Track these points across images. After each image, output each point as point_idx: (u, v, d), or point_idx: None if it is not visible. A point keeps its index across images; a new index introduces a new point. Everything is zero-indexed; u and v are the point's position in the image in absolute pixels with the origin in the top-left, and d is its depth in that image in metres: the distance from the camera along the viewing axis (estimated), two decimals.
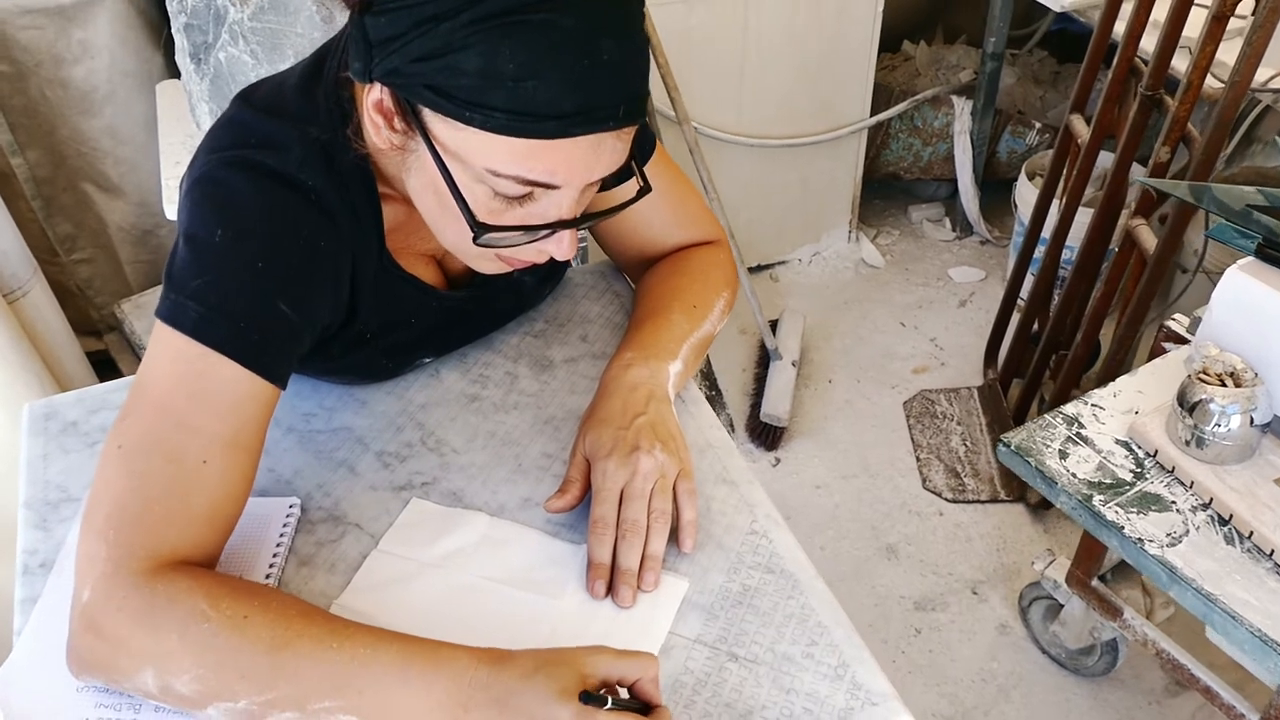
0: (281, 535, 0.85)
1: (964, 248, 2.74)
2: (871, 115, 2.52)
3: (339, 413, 0.96)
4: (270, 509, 0.86)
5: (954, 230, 2.77)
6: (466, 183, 0.73)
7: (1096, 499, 1.18)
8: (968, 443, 2.23)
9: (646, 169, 0.97)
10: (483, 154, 0.71)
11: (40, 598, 0.81)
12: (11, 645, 0.79)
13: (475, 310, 0.99)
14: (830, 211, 2.66)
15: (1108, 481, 1.20)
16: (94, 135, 2.14)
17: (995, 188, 2.75)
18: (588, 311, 1.07)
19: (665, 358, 0.91)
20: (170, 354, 0.74)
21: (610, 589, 0.81)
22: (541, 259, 0.81)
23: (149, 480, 0.72)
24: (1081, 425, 1.28)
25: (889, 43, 2.65)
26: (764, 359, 2.35)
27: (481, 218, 0.74)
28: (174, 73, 2.11)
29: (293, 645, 0.69)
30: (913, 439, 2.24)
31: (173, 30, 1.84)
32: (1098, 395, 1.32)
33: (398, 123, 0.74)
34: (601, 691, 0.67)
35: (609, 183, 0.80)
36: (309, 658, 0.68)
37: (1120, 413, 1.28)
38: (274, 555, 0.83)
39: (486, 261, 0.82)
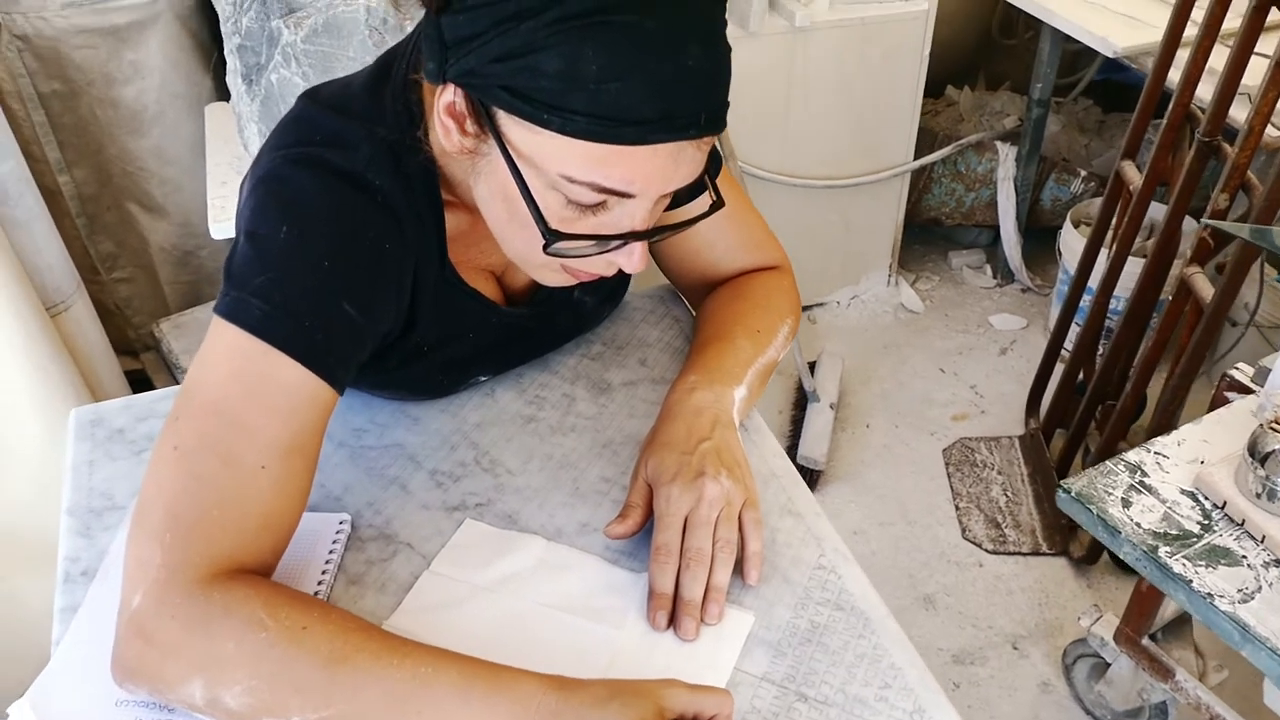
0: (331, 552, 0.82)
1: (1005, 295, 2.71)
2: (915, 159, 2.51)
3: (391, 429, 0.94)
4: (320, 525, 0.84)
5: (995, 277, 2.74)
6: (539, 189, 0.71)
7: (1162, 550, 1.14)
8: (1009, 493, 2.18)
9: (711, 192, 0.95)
10: (558, 159, 0.69)
11: (81, 606, 0.78)
12: (49, 655, 0.76)
13: (534, 328, 0.97)
14: (870, 254, 2.64)
15: (1174, 532, 1.16)
16: (140, 155, 2.15)
17: (1038, 235, 2.73)
18: (646, 336, 1.05)
19: (730, 382, 0.88)
20: (229, 351, 0.72)
21: (672, 620, 0.77)
22: (609, 271, 0.79)
23: (206, 484, 0.70)
24: (1144, 474, 1.24)
25: (932, 88, 2.64)
26: (801, 401, 2.32)
27: (553, 226, 0.72)
28: (222, 95, 2.12)
29: (351, 660, 0.66)
30: (952, 487, 2.20)
31: (225, 52, 1.85)
32: (1160, 444, 1.28)
33: (470, 125, 0.72)
34: None
35: (681, 196, 0.78)
36: (368, 674, 0.65)
37: (1185, 462, 1.24)
38: (323, 572, 0.80)
39: (551, 273, 0.80)
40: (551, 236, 0.72)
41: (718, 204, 0.78)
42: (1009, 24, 2.90)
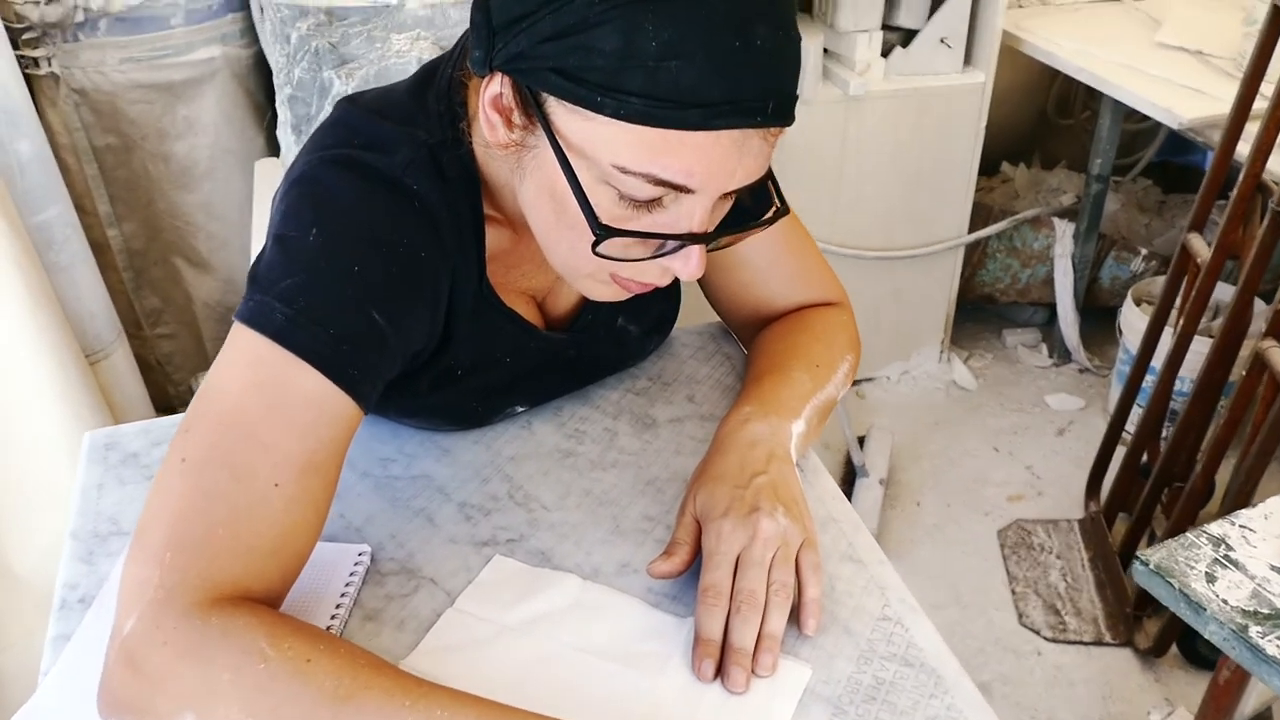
0: (348, 585, 0.75)
1: (1061, 375, 2.61)
2: (969, 233, 2.45)
3: (420, 460, 0.87)
4: (336, 555, 0.77)
5: (1051, 357, 2.65)
6: (590, 184, 0.66)
7: (1254, 630, 1.04)
8: (1068, 578, 2.07)
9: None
10: (612, 148, 0.63)
11: (73, 635, 0.72)
12: (36, 685, 0.69)
13: (575, 357, 0.91)
14: (922, 329, 2.57)
15: (1265, 611, 1.06)
16: (189, 210, 2.15)
17: (1096, 315, 2.64)
18: (695, 372, 0.98)
19: (787, 415, 0.81)
20: (248, 359, 0.67)
21: (720, 670, 0.69)
22: (663, 280, 0.73)
23: (214, 500, 0.64)
24: (1230, 547, 1.14)
25: (986, 166, 2.60)
26: (850, 475, 2.23)
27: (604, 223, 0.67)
28: (273, 152, 2.13)
29: (358, 698, 0.59)
30: (1008, 570, 2.08)
31: (277, 103, 1.85)
32: (1245, 516, 1.18)
33: (517, 117, 0.67)
34: None
35: (742, 205, 0.72)
36: (376, 715, 0.58)
37: (1273, 536, 1.14)
38: (337, 606, 0.73)
39: (599, 284, 0.74)
40: (602, 233, 0.66)
41: (782, 210, 0.72)
42: (1065, 104, 2.86)
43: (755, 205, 0.72)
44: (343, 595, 0.74)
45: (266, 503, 0.64)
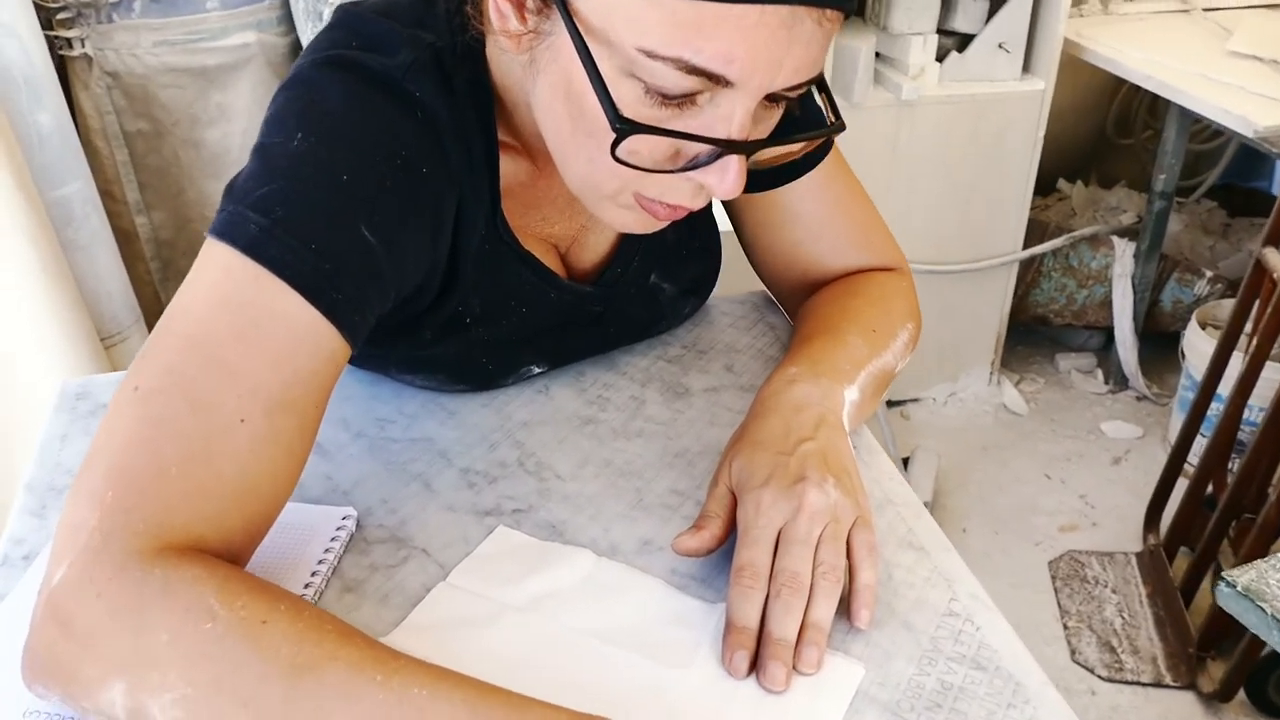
0: (326, 551, 0.65)
1: (1118, 402, 2.48)
2: (1024, 249, 2.33)
3: (421, 421, 0.77)
4: (315, 518, 0.67)
5: (1107, 383, 2.51)
6: (611, 75, 0.56)
7: None
8: (1125, 614, 1.93)
9: (820, 173, 0.80)
10: (638, 27, 0.53)
11: (7, 596, 0.63)
12: None
13: (601, 314, 0.81)
14: (971, 350, 2.44)
15: None
16: (219, 199, 2.09)
17: (1155, 340, 2.51)
18: (735, 341, 0.88)
19: (839, 379, 0.71)
20: (216, 276, 0.57)
21: (755, 664, 0.58)
22: (695, 201, 0.62)
23: (168, 432, 0.54)
24: None
25: (1041, 185, 2.48)
26: None
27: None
28: None
29: (321, 670, 0.48)
30: (1059, 604, 1.95)
31: None
32: None
33: (531, 1, 0.58)
34: None
35: (790, 117, 0.62)
36: (340, 690, 0.48)
37: None
38: (312, 574, 0.63)
39: (622, 209, 0.64)
40: (622, 126, 0.56)
41: (838, 126, 0.62)
42: (1125, 122, 2.74)
43: (806, 122, 0.62)
44: (320, 562, 0.64)
45: (229, 439, 0.55)
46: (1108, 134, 2.76)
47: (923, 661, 0.59)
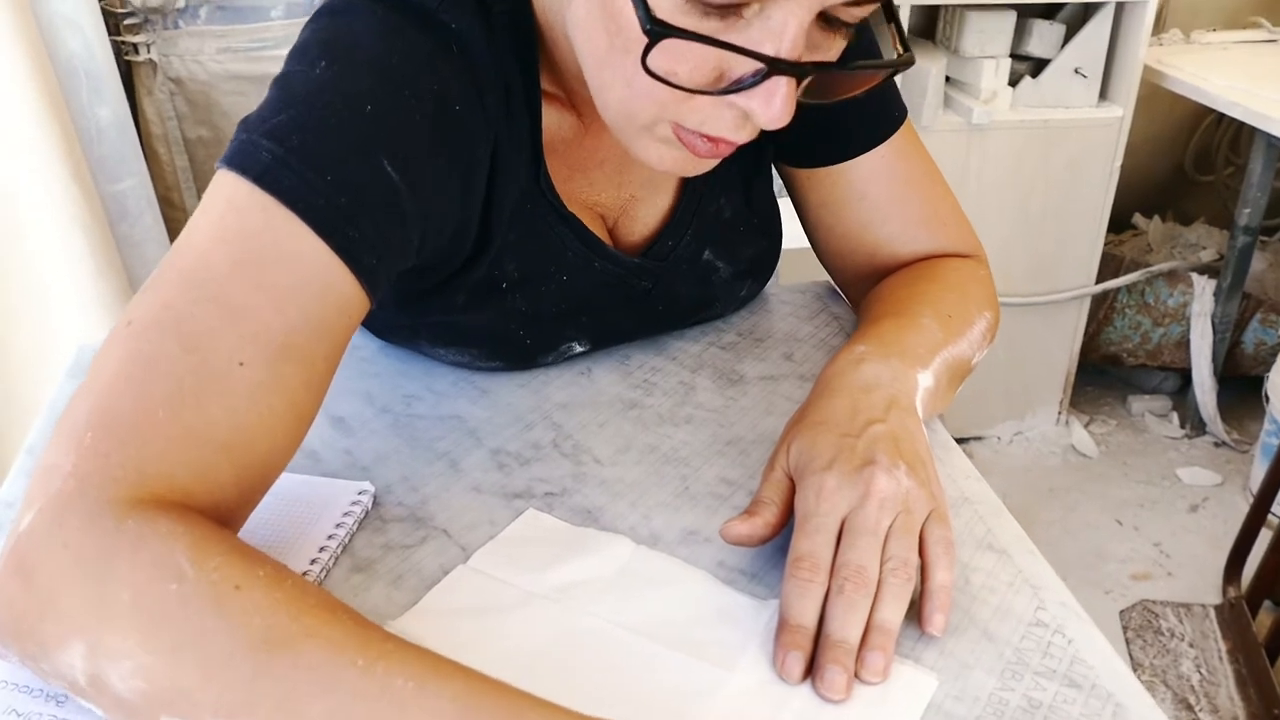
0: (338, 527, 0.59)
1: (1194, 448, 2.35)
2: (1096, 284, 2.23)
3: (451, 399, 0.71)
4: (328, 491, 0.61)
5: (1183, 427, 2.39)
6: None
7: None
8: (1203, 670, 1.80)
9: (890, 148, 0.73)
10: None
11: None
12: None
13: (649, 291, 0.74)
14: (1039, 387, 2.34)
15: None
16: None
17: (1236, 384, 2.38)
18: (795, 330, 0.81)
19: (912, 361, 0.63)
20: (222, 207, 0.52)
21: (811, 669, 0.51)
22: (739, 133, 0.55)
23: (157, 371, 0.48)
24: None
25: (1116, 221, 2.39)
26: None
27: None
28: None
29: (296, 648, 0.42)
30: (1131, 656, 1.83)
31: None
32: None
33: None
34: None
35: (852, 52, 0.56)
36: (314, 674, 0.41)
37: None
38: (320, 550, 0.57)
39: (659, 143, 0.58)
40: (655, 29, 0.49)
41: (907, 59, 0.55)
42: (1205, 157, 2.64)
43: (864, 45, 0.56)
44: (329, 538, 0.58)
45: (224, 383, 0.49)
46: (1187, 170, 2.66)
47: (1006, 675, 0.51)
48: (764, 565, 0.57)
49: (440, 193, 0.58)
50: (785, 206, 0.80)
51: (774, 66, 0.51)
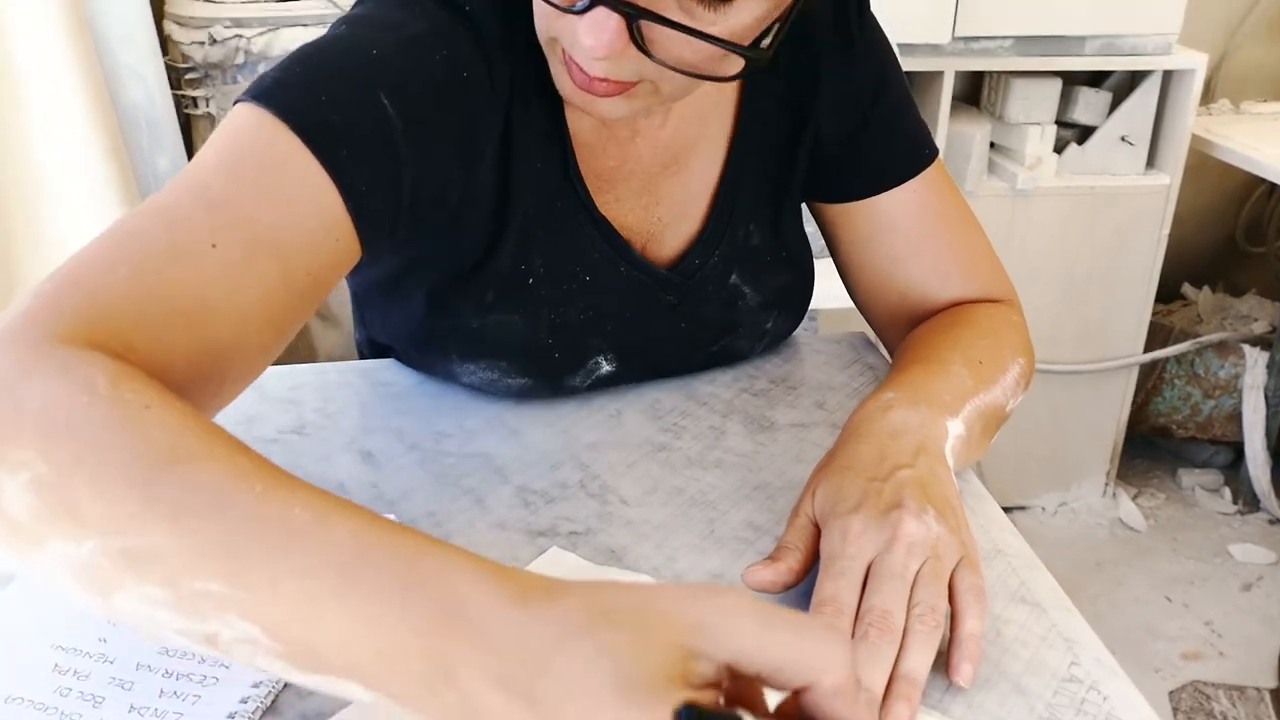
0: None
1: (1247, 524, 2.28)
2: (1144, 353, 2.19)
3: (481, 436, 0.72)
4: None
5: (1235, 503, 2.33)
6: None
7: None
8: None
9: (922, 184, 0.73)
10: None
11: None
12: None
13: (675, 306, 0.75)
14: (1085, 458, 2.29)
15: None
16: None
17: None
18: (829, 379, 0.80)
19: (941, 409, 0.63)
20: (224, 129, 0.55)
21: None
22: (589, 64, 0.57)
23: (134, 240, 0.49)
24: None
25: (1164, 292, 2.36)
26: None
27: None
28: None
29: (195, 466, 0.40)
30: None
31: None
32: None
33: None
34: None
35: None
36: (209, 493, 0.40)
37: None
38: None
39: (560, 68, 0.60)
40: None
41: (760, 52, 0.56)
42: (1257, 228, 2.60)
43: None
44: None
45: (195, 257, 0.49)
46: (1238, 241, 2.62)
47: None
48: (789, 606, 0.56)
49: (440, 146, 0.60)
50: (826, 265, 0.80)
51: None
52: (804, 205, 0.80)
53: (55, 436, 0.41)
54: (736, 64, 0.57)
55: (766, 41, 0.58)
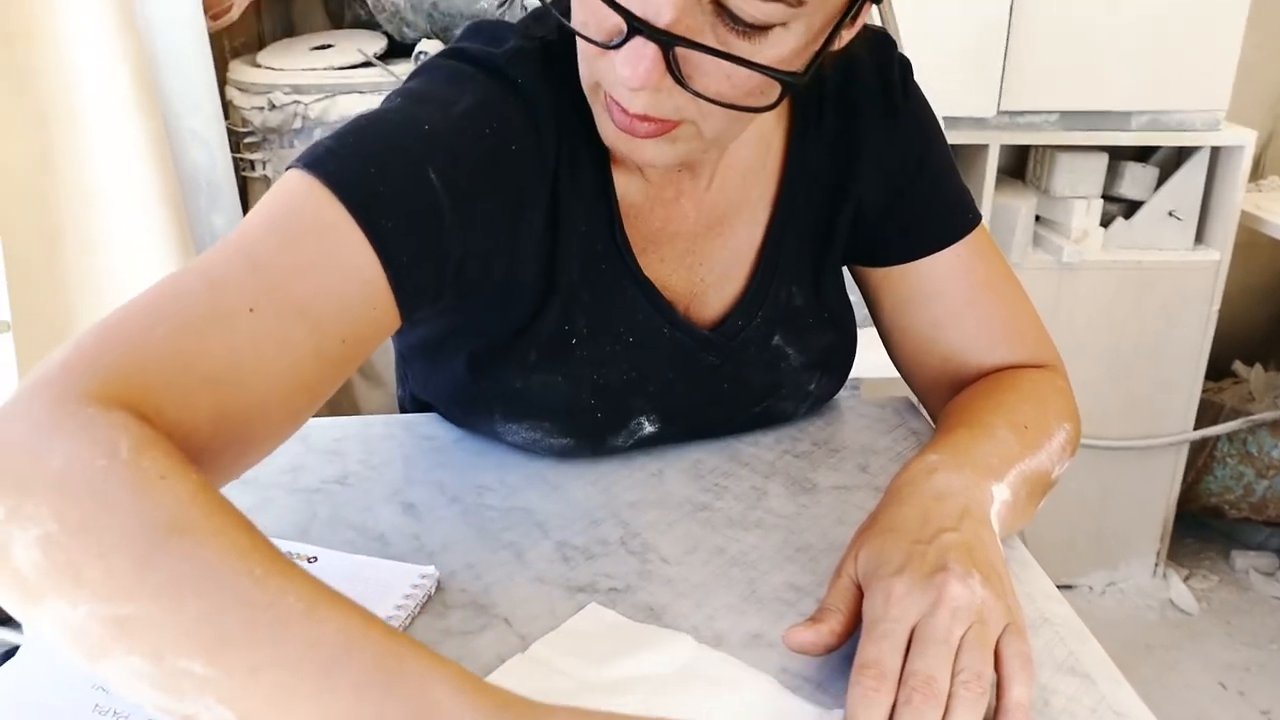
0: (398, 608, 0.59)
1: None
2: (1194, 430, 2.15)
3: (522, 492, 0.72)
4: (392, 574, 0.61)
5: None
6: None
7: None
8: None
9: (965, 249, 0.74)
10: None
11: None
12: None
13: (718, 367, 0.75)
14: (1133, 537, 2.24)
15: None
16: None
17: None
18: (872, 442, 0.80)
19: (986, 473, 0.62)
20: (277, 191, 0.56)
21: None
22: (629, 100, 0.57)
23: (173, 299, 0.51)
24: None
25: (1214, 369, 2.32)
26: None
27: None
28: None
29: (196, 539, 0.41)
30: None
31: None
32: None
33: None
34: None
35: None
36: (205, 569, 0.40)
37: None
38: None
39: (602, 112, 0.61)
40: None
41: (797, 75, 0.56)
42: None
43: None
44: (389, 618, 0.58)
45: (231, 321, 0.50)
46: None
47: None
48: (830, 673, 0.55)
49: (486, 219, 0.61)
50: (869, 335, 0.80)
51: (634, 27, 0.52)
52: (846, 269, 0.81)
53: (70, 496, 0.42)
54: (773, 94, 0.57)
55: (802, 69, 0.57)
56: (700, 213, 0.72)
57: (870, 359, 0.84)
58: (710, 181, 0.71)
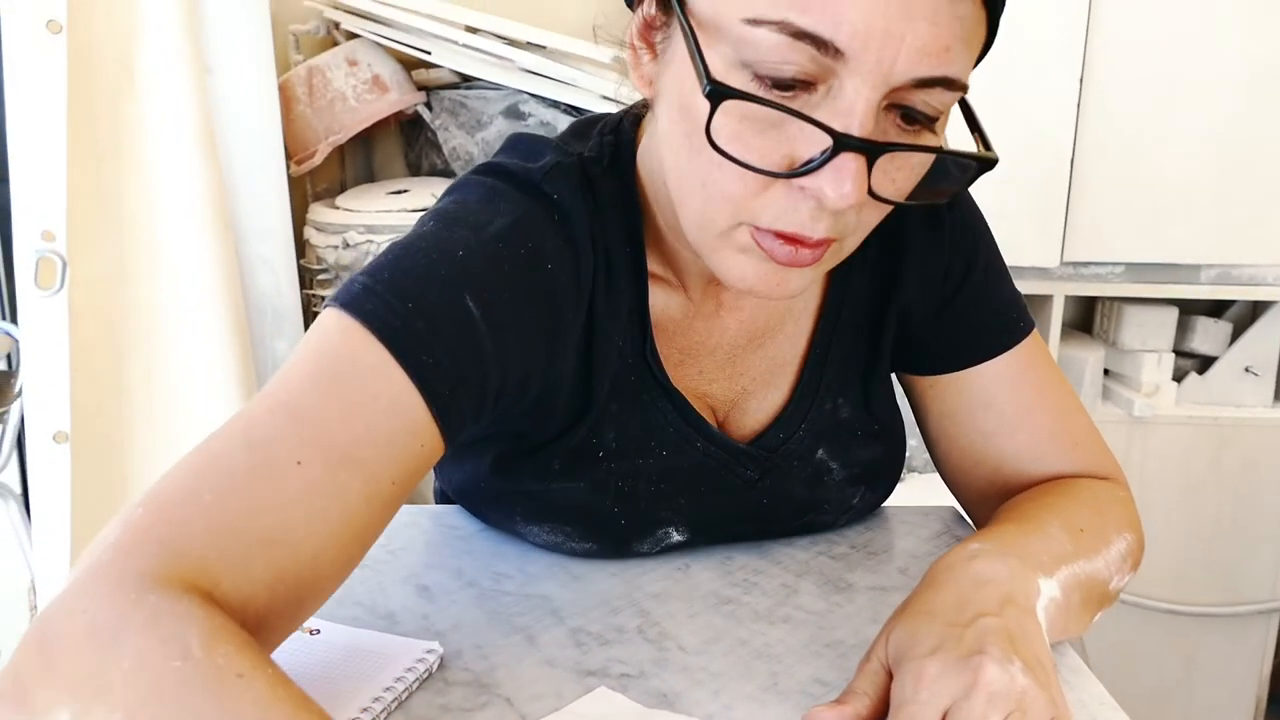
0: (397, 680, 0.55)
1: None
2: None
3: (541, 581, 0.68)
4: (395, 647, 0.58)
5: None
6: (719, 66, 0.51)
7: None
8: None
9: (1018, 357, 0.71)
10: (741, 2, 0.50)
11: None
12: None
13: (755, 482, 0.71)
14: (1225, 710, 2.08)
15: None
16: None
17: None
18: (914, 548, 0.75)
19: (1034, 566, 0.57)
20: (313, 334, 0.55)
21: None
22: (813, 225, 0.53)
23: (217, 462, 0.49)
24: None
25: None
26: None
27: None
28: None
29: None
30: None
31: None
32: None
33: (656, 17, 0.57)
34: None
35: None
36: None
37: None
38: (374, 700, 0.53)
39: (739, 254, 0.56)
40: (715, 88, 0.50)
41: (989, 157, 0.54)
42: None
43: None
44: (385, 690, 0.54)
45: (278, 479, 0.49)
46: None
47: None
48: None
49: (524, 343, 0.59)
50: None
51: (841, 141, 0.50)
52: (894, 375, 0.78)
53: (145, 700, 0.41)
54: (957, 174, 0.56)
55: (982, 147, 0.56)
56: (741, 325, 0.71)
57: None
58: None
